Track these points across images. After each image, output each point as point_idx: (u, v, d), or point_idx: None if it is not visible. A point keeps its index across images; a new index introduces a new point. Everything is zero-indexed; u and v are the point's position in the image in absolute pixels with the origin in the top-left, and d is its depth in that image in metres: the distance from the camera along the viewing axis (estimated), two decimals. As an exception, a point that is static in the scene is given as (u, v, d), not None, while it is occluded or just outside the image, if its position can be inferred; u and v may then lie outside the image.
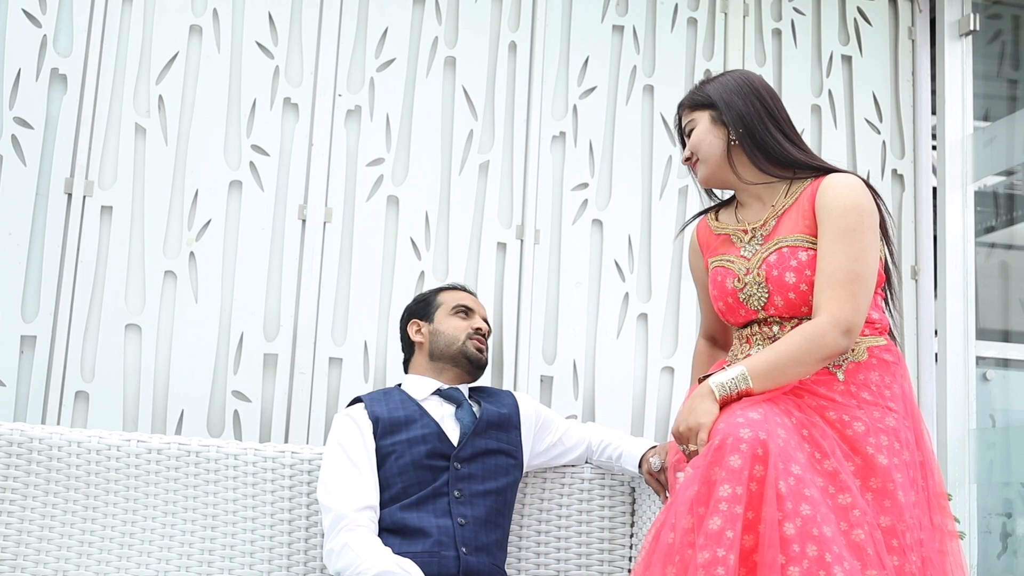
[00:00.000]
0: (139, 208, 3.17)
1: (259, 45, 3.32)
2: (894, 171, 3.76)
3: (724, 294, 2.18)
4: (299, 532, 2.42)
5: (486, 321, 2.55)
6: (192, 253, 3.18)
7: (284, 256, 3.24)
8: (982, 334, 3.77)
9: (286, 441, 3.13)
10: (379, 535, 2.20)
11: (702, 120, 2.21)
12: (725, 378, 1.96)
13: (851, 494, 1.89)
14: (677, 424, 1.95)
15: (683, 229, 2.41)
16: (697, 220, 2.35)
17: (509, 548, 2.49)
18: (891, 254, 2.19)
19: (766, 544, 1.77)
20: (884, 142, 3.77)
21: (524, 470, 2.45)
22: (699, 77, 3.61)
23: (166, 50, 3.25)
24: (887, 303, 2.20)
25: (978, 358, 3.75)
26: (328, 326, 3.24)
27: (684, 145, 2.27)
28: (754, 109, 2.18)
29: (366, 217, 3.32)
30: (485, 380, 3.29)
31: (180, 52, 3.26)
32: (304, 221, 3.27)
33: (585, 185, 3.50)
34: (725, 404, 1.94)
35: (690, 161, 2.25)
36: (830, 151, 3.71)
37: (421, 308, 2.55)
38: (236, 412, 3.14)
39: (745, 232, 2.19)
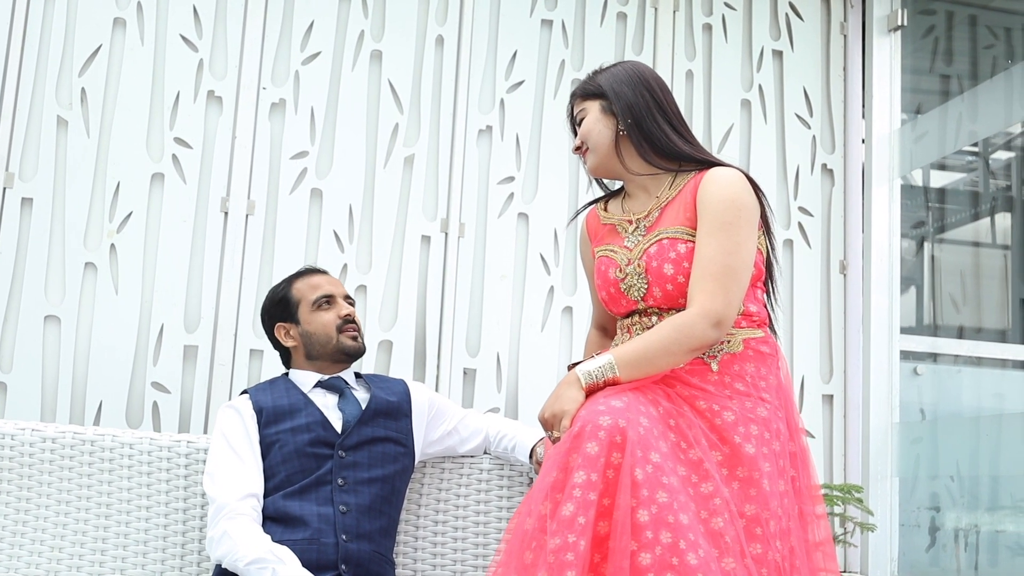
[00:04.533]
0: (60, 200, 3.18)
1: (183, 38, 3.33)
2: (824, 165, 3.78)
3: (607, 284, 2.19)
4: (194, 522, 2.43)
5: (348, 299, 2.49)
6: (113, 245, 3.19)
7: (206, 248, 3.25)
8: (932, 329, 3.79)
9: (205, 433, 3.14)
10: (263, 524, 2.21)
11: (592, 110, 2.23)
12: (592, 366, 1.97)
13: (713, 483, 1.90)
14: (543, 411, 1.97)
15: (574, 218, 2.42)
16: (588, 209, 2.36)
17: (405, 538, 2.50)
18: (772, 247, 2.20)
19: (618, 531, 1.78)
20: (814, 136, 3.78)
21: (417, 459, 2.46)
22: (628, 71, 3.62)
23: (89, 43, 3.26)
24: (769, 296, 2.21)
25: (909, 353, 3.77)
26: (249, 318, 3.25)
27: (576, 134, 2.28)
28: (643, 100, 2.19)
29: (289, 210, 3.33)
30: (407, 370, 3.31)
31: (103, 45, 3.27)
32: (226, 214, 3.28)
33: (511, 179, 3.51)
34: (592, 392, 1.96)
35: (580, 150, 2.26)
36: (759, 146, 3.72)
37: (281, 309, 2.47)
38: (155, 403, 3.15)
39: (630, 222, 2.20)
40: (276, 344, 2.52)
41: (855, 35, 3.84)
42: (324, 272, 2.56)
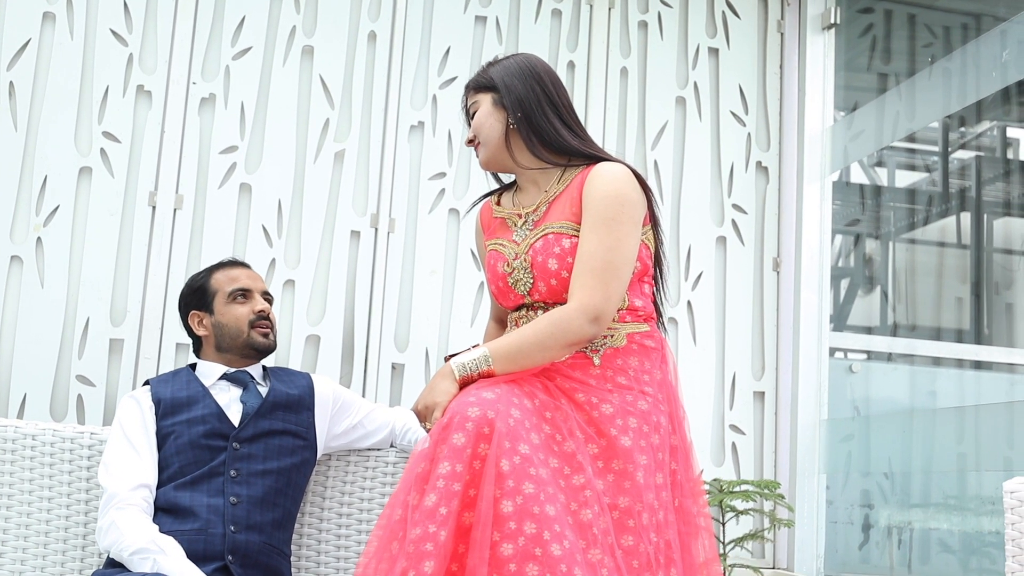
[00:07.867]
0: (-14, 193, 3.19)
1: (113, 32, 3.34)
2: (759, 163, 3.79)
3: (496, 278, 2.20)
4: (95, 512, 2.43)
5: (266, 295, 2.50)
6: (39, 239, 3.21)
7: (133, 242, 3.27)
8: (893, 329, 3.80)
9: (129, 425, 3.15)
10: (155, 515, 2.22)
11: (484, 102, 2.23)
12: (467, 359, 1.98)
13: (585, 475, 1.91)
14: (416, 403, 1.98)
15: (468, 211, 2.43)
16: (482, 202, 2.37)
17: (309, 531, 2.52)
18: (660, 242, 2.21)
19: (481, 521, 1.79)
20: (749, 134, 3.79)
21: (320, 452, 2.47)
22: (563, 69, 3.63)
23: (18, 37, 3.27)
24: (658, 291, 2.22)
25: (845, 350, 3.79)
26: (175, 313, 3.24)
27: (471, 126, 2.29)
28: (533, 94, 2.19)
29: (217, 204, 3.34)
30: (334, 365, 3.32)
31: (32, 39, 3.28)
32: (154, 208, 3.29)
33: (443, 174, 3.53)
34: (466, 384, 1.97)
35: (473, 143, 2.26)
36: (694, 143, 3.73)
37: (198, 298, 2.49)
38: (80, 396, 3.17)
39: (519, 216, 2.21)
40: (189, 332, 2.53)
41: (792, 33, 3.85)
42: (246, 266, 2.57)
